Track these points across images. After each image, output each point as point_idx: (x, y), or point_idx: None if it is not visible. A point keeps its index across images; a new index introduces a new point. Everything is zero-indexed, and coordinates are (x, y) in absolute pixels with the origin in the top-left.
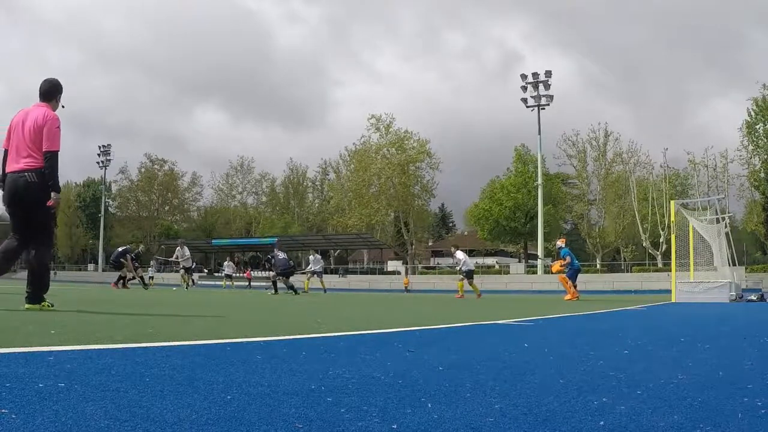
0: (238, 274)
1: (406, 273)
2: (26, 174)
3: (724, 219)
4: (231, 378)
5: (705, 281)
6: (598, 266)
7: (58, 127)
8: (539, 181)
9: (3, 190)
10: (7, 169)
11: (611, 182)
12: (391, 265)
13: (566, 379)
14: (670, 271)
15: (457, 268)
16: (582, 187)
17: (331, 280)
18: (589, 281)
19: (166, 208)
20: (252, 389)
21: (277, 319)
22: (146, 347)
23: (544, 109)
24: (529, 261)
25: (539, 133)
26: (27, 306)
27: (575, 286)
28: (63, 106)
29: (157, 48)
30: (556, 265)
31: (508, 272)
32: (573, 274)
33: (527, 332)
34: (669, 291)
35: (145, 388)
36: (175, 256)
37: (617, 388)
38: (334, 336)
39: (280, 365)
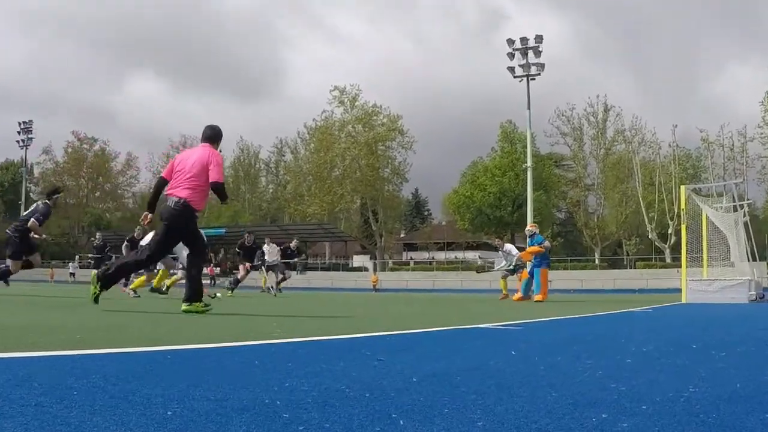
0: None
1: (375, 269)
2: (170, 200)
3: (742, 206)
4: (172, 391)
5: (720, 279)
6: (596, 261)
7: (221, 163)
8: (529, 163)
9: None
10: (165, 193)
11: (612, 164)
12: (357, 260)
13: (559, 392)
14: (680, 267)
15: (512, 265)
16: (578, 170)
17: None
18: (586, 279)
19: (97, 194)
20: (196, 404)
21: (225, 324)
22: (74, 355)
23: (534, 79)
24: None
25: (528, 108)
26: (184, 308)
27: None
28: (221, 151)
29: (79, 6)
30: (532, 249)
31: (492, 268)
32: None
33: (515, 338)
34: (679, 290)
35: (73, 403)
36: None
37: (619, 403)
38: (292, 342)
39: (230, 376)
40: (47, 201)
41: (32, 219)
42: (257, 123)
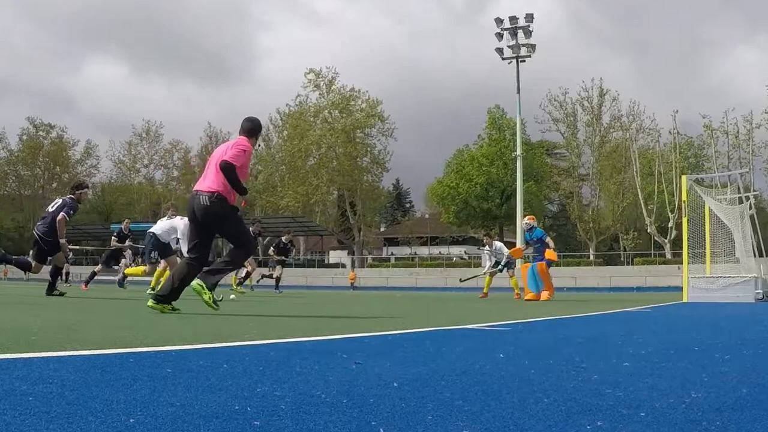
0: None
1: (353, 266)
2: (200, 196)
3: (748, 198)
4: (134, 396)
5: (724, 276)
6: (591, 257)
7: (244, 150)
8: (518, 151)
9: None
10: (194, 188)
11: (608, 153)
12: (334, 255)
13: (551, 398)
14: (681, 263)
15: (501, 265)
16: (571, 159)
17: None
18: (580, 276)
19: (54, 185)
20: (161, 411)
21: (191, 324)
22: (29, 358)
23: (524, 61)
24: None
25: (518, 92)
26: (150, 304)
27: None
28: (260, 146)
29: None
30: (551, 254)
31: (479, 264)
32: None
33: (503, 339)
34: (679, 288)
35: (28, 410)
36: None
37: (615, 409)
38: (264, 344)
39: (196, 381)
40: (72, 195)
41: (62, 213)
42: (226, 108)
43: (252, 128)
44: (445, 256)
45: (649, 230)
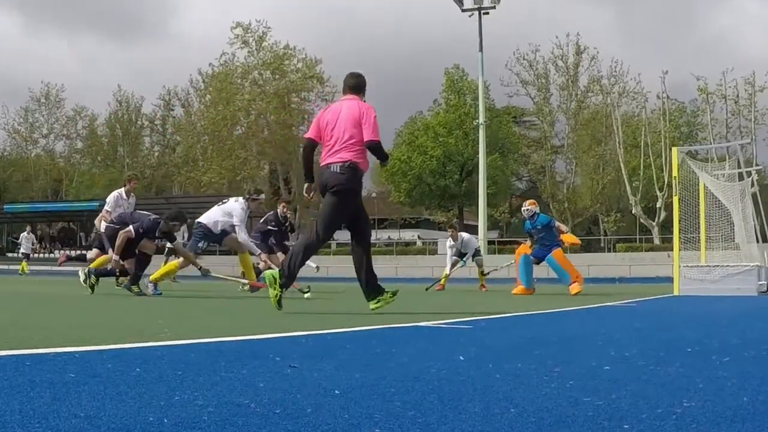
0: (37, 254)
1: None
2: (331, 166)
3: (750, 174)
4: (32, 406)
5: (722, 265)
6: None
7: (375, 116)
8: (481, 119)
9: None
10: (321, 162)
11: (585, 120)
12: None
13: (520, 408)
14: (671, 250)
15: (464, 262)
16: (543, 128)
17: None
18: None
19: None
20: (62, 423)
21: (100, 322)
22: None
23: (487, 13)
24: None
25: (480, 50)
26: (372, 306)
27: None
28: (364, 101)
29: None
30: (570, 239)
31: (435, 252)
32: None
33: (463, 339)
34: (670, 279)
35: None
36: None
37: (594, 421)
38: (183, 345)
39: (104, 387)
40: (168, 225)
41: (134, 225)
42: (138, 69)
43: (358, 84)
44: (397, 242)
45: (633, 211)
